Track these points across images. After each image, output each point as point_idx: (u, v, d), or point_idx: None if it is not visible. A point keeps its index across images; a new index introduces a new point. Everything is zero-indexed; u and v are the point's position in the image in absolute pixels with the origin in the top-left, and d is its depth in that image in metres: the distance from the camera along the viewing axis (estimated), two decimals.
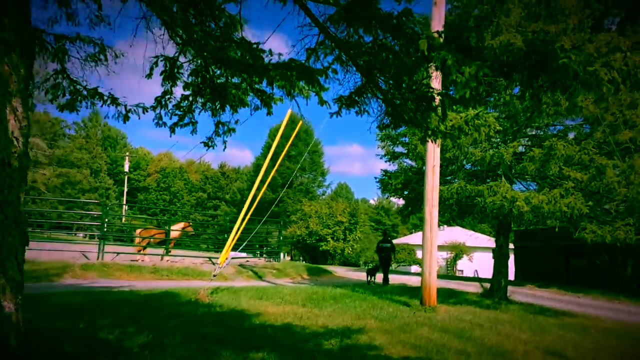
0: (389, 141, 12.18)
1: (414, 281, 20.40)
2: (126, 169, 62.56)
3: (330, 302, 9.51)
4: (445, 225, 71.19)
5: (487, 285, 14.44)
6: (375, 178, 12.67)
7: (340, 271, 24.82)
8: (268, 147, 59.40)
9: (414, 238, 60.06)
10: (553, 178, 10.45)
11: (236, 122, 6.24)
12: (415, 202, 12.00)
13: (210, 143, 6.44)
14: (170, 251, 18.06)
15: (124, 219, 36.80)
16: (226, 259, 9.72)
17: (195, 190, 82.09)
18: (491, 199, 9.93)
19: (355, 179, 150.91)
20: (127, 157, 63.75)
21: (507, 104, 10.13)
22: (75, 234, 31.88)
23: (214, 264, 16.81)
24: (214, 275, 9.18)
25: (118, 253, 15.07)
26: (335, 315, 8.02)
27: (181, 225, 18.35)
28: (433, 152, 9.74)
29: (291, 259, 55.97)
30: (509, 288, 14.02)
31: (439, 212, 10.06)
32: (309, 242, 46.01)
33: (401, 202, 13.29)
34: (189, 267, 15.49)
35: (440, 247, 46.63)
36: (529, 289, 19.17)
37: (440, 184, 10.17)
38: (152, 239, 17.17)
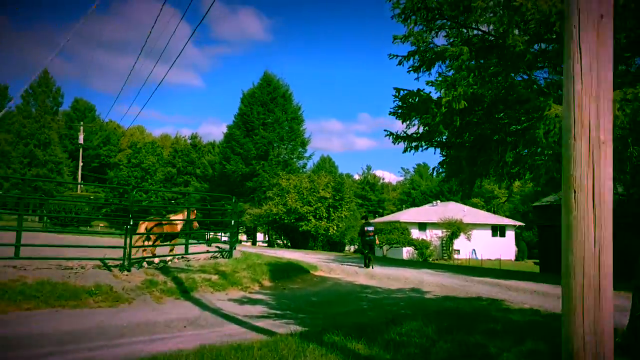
0: (421, 7, 5.30)
1: (429, 282, 13.94)
2: (81, 140, 54.92)
3: None
4: (438, 201, 65.42)
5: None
6: (395, 97, 5.79)
7: (322, 264, 18.24)
8: (241, 113, 52.27)
9: (406, 215, 53.66)
10: None
11: None
12: (492, 151, 5.10)
13: None
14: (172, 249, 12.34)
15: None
16: None
17: (164, 164, 74.54)
18: None
19: (334, 155, 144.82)
20: (81, 128, 55.94)
21: None
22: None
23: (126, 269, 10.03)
24: None
25: None
26: None
27: (182, 215, 12.27)
28: None
29: (269, 242, 49.36)
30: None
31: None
32: (287, 222, 39.36)
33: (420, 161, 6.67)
34: (55, 282, 8.74)
35: (434, 225, 40.63)
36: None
37: None
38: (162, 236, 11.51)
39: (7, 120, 54.14)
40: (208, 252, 14.50)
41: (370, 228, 17.85)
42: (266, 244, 49.92)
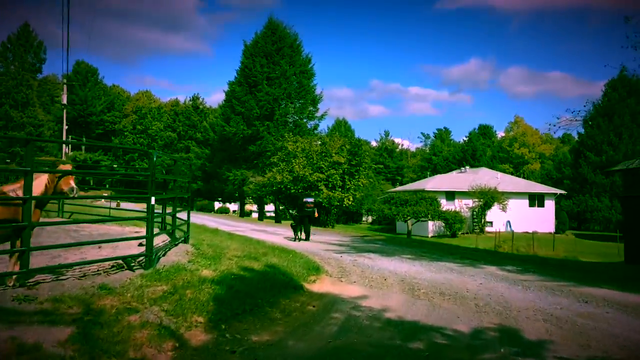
0: None
1: (519, 306, 7.18)
2: (64, 100, 48.75)
3: None
4: (467, 167, 58.17)
5: None
6: None
7: (331, 259, 11.97)
8: (243, 68, 45.48)
9: (432, 183, 46.47)
10: None
11: None
12: None
13: None
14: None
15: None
16: None
17: (165, 129, 68.43)
18: None
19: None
20: (64, 87, 49.67)
21: None
22: None
23: None
24: None
25: None
26: None
27: (43, 178, 5.77)
28: None
29: (276, 217, 43.26)
30: None
31: None
32: (294, 192, 32.98)
33: None
34: None
35: (464, 194, 33.71)
36: None
37: None
38: None
39: None
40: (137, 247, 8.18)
41: (310, 200, 18.49)
42: (275, 217, 43.92)
